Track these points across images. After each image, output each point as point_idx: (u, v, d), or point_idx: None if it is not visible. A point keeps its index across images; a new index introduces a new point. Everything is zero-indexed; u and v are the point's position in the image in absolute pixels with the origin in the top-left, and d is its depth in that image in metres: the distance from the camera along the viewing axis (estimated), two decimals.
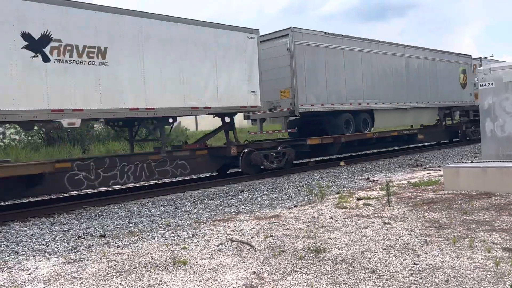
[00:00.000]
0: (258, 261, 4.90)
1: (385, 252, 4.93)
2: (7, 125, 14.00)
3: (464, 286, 3.91)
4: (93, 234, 6.86)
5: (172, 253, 5.41)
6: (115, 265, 5.05)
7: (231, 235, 6.13)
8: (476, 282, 3.98)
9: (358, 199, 8.11)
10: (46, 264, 5.30)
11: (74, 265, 5.17)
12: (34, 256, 5.72)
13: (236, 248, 5.47)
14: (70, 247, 6.07)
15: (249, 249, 5.38)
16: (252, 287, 4.18)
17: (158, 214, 8.24)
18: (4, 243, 6.56)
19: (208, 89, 11.60)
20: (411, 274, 4.22)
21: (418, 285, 3.97)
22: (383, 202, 7.63)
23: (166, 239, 6.19)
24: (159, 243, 5.98)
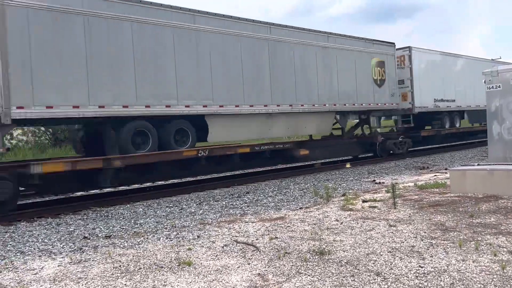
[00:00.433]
0: (263, 263, 4.89)
1: (391, 255, 4.91)
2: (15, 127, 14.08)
3: None
4: (99, 235, 6.89)
5: (177, 254, 5.41)
6: (120, 266, 5.07)
7: (236, 237, 6.14)
8: (482, 286, 3.95)
9: (364, 201, 8.09)
10: (52, 264, 5.32)
11: (80, 266, 5.19)
12: (40, 256, 5.75)
13: (241, 250, 5.46)
14: (76, 248, 6.10)
15: (254, 251, 5.37)
16: None
17: (164, 215, 8.26)
18: (11, 243, 6.60)
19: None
20: (417, 277, 4.20)
21: None
22: (389, 205, 7.60)
23: (171, 240, 6.20)
24: (164, 244, 5.99)
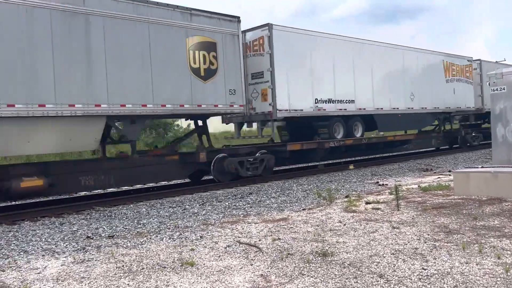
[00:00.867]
0: (266, 264, 4.89)
1: (394, 257, 4.90)
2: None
3: None
4: (102, 235, 6.90)
5: (180, 255, 5.42)
6: (123, 266, 5.08)
7: (239, 238, 6.14)
8: None
9: (367, 203, 8.07)
10: (55, 264, 5.34)
11: (83, 265, 5.20)
12: (43, 256, 5.77)
13: (244, 251, 5.46)
14: (79, 247, 6.12)
15: (257, 252, 5.37)
16: None
17: (167, 215, 8.27)
18: (14, 242, 6.62)
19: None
20: (420, 279, 4.19)
21: None
22: (392, 206, 7.59)
23: (174, 241, 6.21)
24: (167, 244, 5.99)
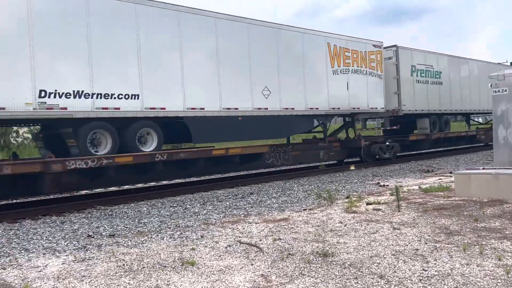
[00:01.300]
0: (266, 264, 4.89)
1: (394, 258, 4.90)
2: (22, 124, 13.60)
3: None
4: (103, 234, 6.91)
5: (181, 254, 5.42)
6: (124, 265, 5.08)
7: (240, 237, 6.14)
8: None
9: (368, 204, 8.07)
10: (56, 262, 5.34)
11: (83, 264, 5.21)
12: (44, 254, 5.78)
13: (244, 250, 5.47)
14: (80, 246, 6.13)
15: (257, 252, 5.37)
16: None
17: (168, 215, 8.28)
18: (15, 241, 6.63)
19: None
20: (420, 281, 4.19)
21: None
22: (393, 207, 7.58)
23: (175, 240, 6.21)
24: (168, 244, 6.00)
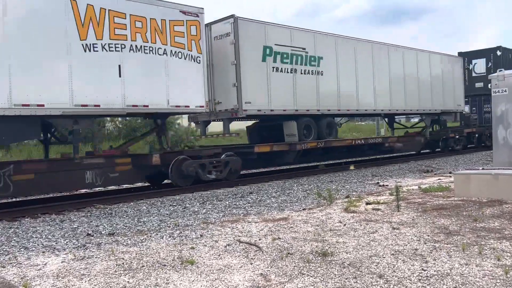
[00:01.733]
0: (266, 263, 4.90)
1: (393, 257, 4.90)
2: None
3: None
4: (102, 232, 6.91)
5: (180, 253, 5.43)
6: (123, 263, 5.08)
7: (239, 237, 6.14)
8: None
9: (367, 204, 8.07)
10: (55, 261, 5.35)
11: (83, 262, 5.21)
12: (44, 252, 5.78)
13: (244, 250, 5.47)
14: (79, 244, 6.13)
15: (257, 251, 5.38)
16: None
17: (167, 214, 8.28)
18: (15, 239, 6.64)
19: None
20: (419, 280, 4.19)
21: None
22: (392, 207, 7.59)
23: (174, 239, 6.21)
24: (167, 243, 6.00)
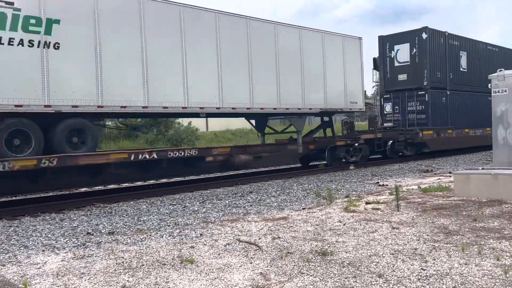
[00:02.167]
0: (265, 262, 4.90)
1: (393, 257, 4.91)
2: None
3: None
4: (102, 231, 6.91)
5: (180, 252, 5.43)
6: (123, 262, 5.09)
7: (239, 236, 6.15)
8: None
9: (367, 203, 8.08)
10: (55, 259, 5.35)
11: (83, 261, 5.22)
12: (44, 251, 5.78)
13: (244, 249, 5.48)
14: (79, 243, 6.13)
15: (256, 250, 5.38)
16: None
17: (167, 213, 8.28)
18: (15, 237, 6.64)
19: None
20: (419, 280, 4.20)
21: None
22: (392, 207, 7.60)
23: (174, 238, 6.22)
24: (167, 242, 6.01)
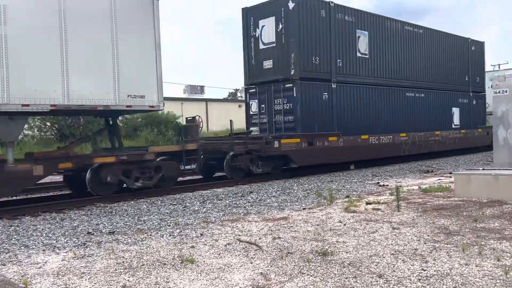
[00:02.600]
0: (266, 262, 4.90)
1: (393, 257, 4.91)
2: None
3: None
4: (103, 231, 6.92)
5: (180, 252, 5.43)
6: (123, 262, 5.09)
7: (239, 236, 6.15)
8: None
9: (368, 204, 8.08)
10: (56, 259, 5.35)
11: (83, 261, 5.22)
12: (44, 251, 5.78)
13: (244, 249, 5.48)
14: (80, 243, 6.13)
15: (257, 250, 5.38)
16: None
17: (167, 213, 8.29)
18: (15, 237, 6.64)
19: None
20: (419, 280, 4.20)
21: None
22: (393, 207, 7.60)
23: (175, 238, 6.22)
24: (168, 241, 6.01)
